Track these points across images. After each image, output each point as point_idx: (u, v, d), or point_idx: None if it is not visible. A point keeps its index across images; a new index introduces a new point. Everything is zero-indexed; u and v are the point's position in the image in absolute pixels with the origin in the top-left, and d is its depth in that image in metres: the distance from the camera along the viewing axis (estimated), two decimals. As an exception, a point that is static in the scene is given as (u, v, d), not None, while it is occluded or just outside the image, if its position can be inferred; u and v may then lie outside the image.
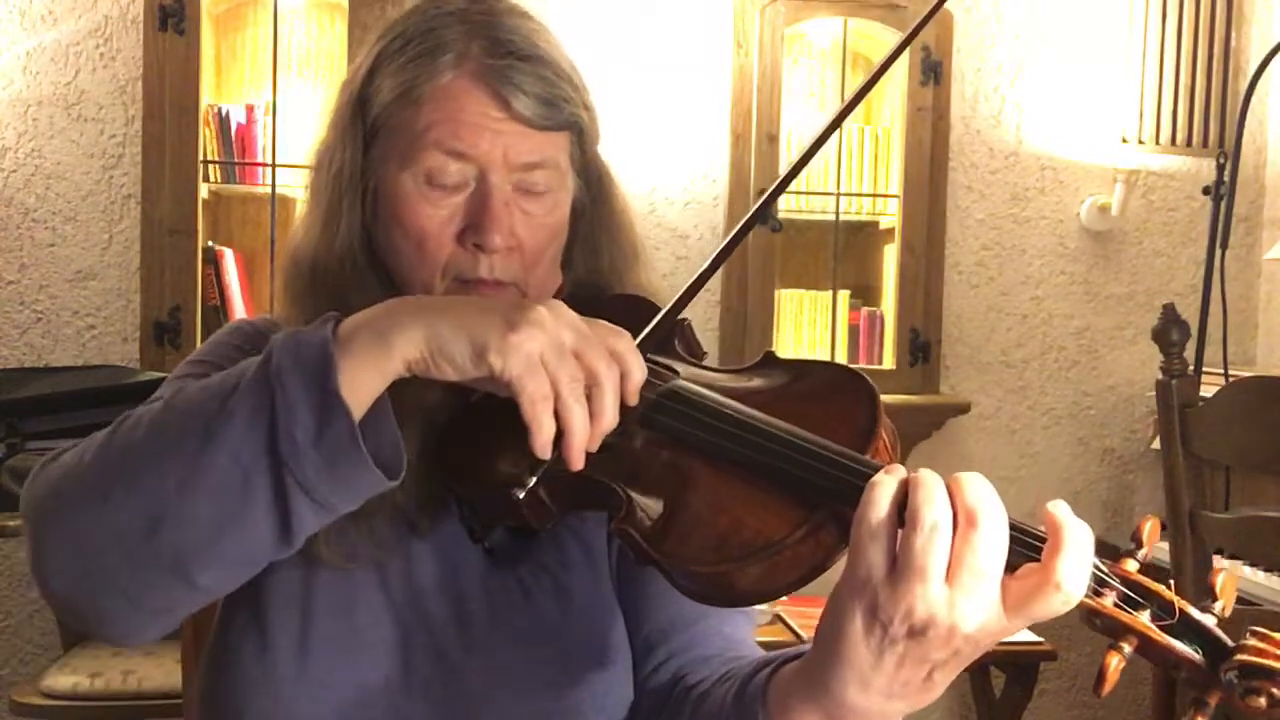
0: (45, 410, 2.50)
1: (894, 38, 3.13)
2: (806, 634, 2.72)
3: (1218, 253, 2.60)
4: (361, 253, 0.95)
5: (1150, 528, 0.64)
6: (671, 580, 0.75)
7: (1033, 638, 2.76)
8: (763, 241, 3.07)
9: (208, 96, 2.89)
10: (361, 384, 0.74)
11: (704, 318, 3.10)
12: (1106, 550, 0.61)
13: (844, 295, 3.19)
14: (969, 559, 0.63)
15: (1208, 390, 2.05)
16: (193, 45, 2.83)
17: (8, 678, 2.93)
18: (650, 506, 0.77)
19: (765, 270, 3.09)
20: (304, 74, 3.06)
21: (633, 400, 0.78)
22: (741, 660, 0.87)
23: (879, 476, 0.67)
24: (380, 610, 0.91)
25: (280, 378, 0.73)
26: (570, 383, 0.74)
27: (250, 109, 2.93)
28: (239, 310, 2.92)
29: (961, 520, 0.64)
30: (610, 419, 0.76)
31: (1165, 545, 2.07)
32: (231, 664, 0.92)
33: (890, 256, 3.21)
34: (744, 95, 3.08)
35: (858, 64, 3.28)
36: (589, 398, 0.75)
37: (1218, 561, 2.17)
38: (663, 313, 0.87)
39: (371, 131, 0.95)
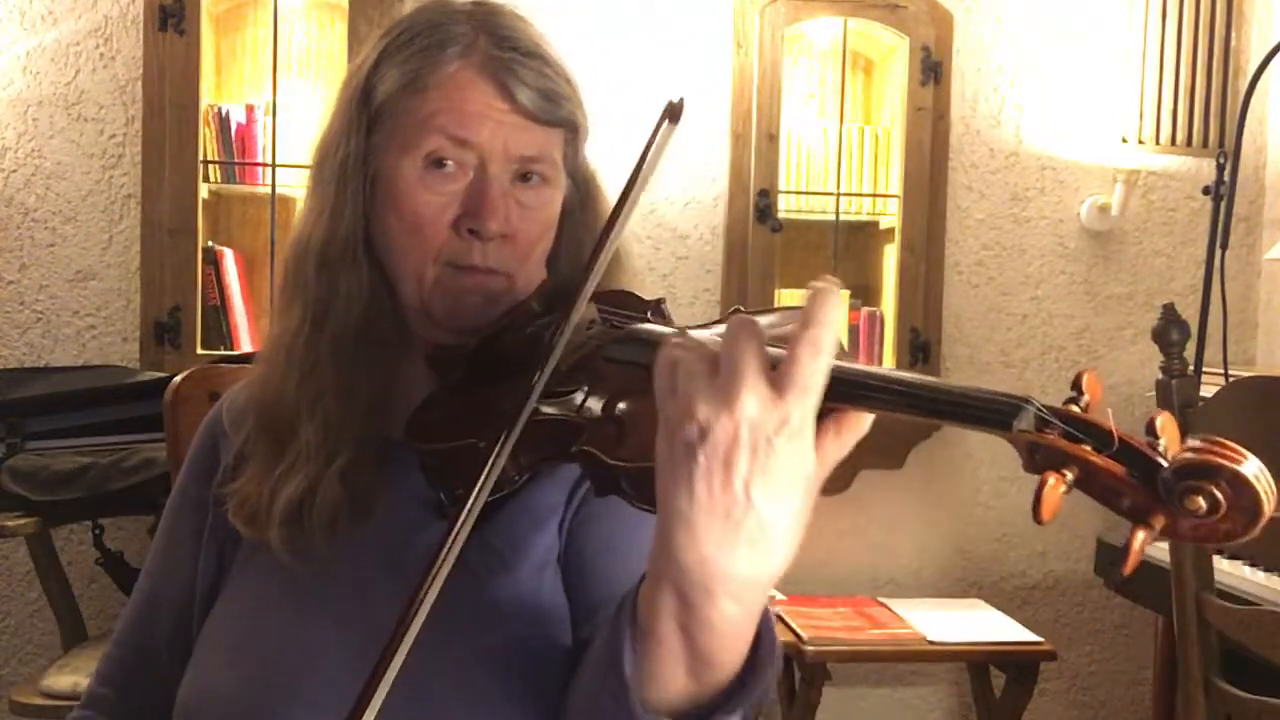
0: (45, 410, 2.50)
1: (894, 38, 3.13)
2: (807, 634, 2.72)
3: (1218, 253, 2.60)
4: (362, 239, 0.98)
5: (1089, 377, 0.62)
6: (636, 491, 0.76)
7: (1033, 638, 2.75)
8: (763, 241, 3.07)
9: (208, 96, 2.90)
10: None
11: (704, 318, 3.10)
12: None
13: (844, 295, 3.20)
14: (722, 351, 0.62)
15: (1208, 390, 2.05)
16: (193, 45, 2.83)
17: (8, 678, 2.93)
18: (607, 427, 0.80)
19: (765, 270, 3.09)
20: (304, 74, 3.06)
21: None
22: None
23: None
24: (327, 591, 0.95)
25: None
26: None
27: (250, 109, 2.93)
28: (239, 310, 2.92)
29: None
30: None
31: (1164, 545, 2.07)
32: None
33: (890, 256, 3.21)
34: (744, 95, 3.08)
35: (857, 64, 3.29)
36: None
37: (1217, 561, 2.17)
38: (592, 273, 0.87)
39: (375, 118, 0.97)
